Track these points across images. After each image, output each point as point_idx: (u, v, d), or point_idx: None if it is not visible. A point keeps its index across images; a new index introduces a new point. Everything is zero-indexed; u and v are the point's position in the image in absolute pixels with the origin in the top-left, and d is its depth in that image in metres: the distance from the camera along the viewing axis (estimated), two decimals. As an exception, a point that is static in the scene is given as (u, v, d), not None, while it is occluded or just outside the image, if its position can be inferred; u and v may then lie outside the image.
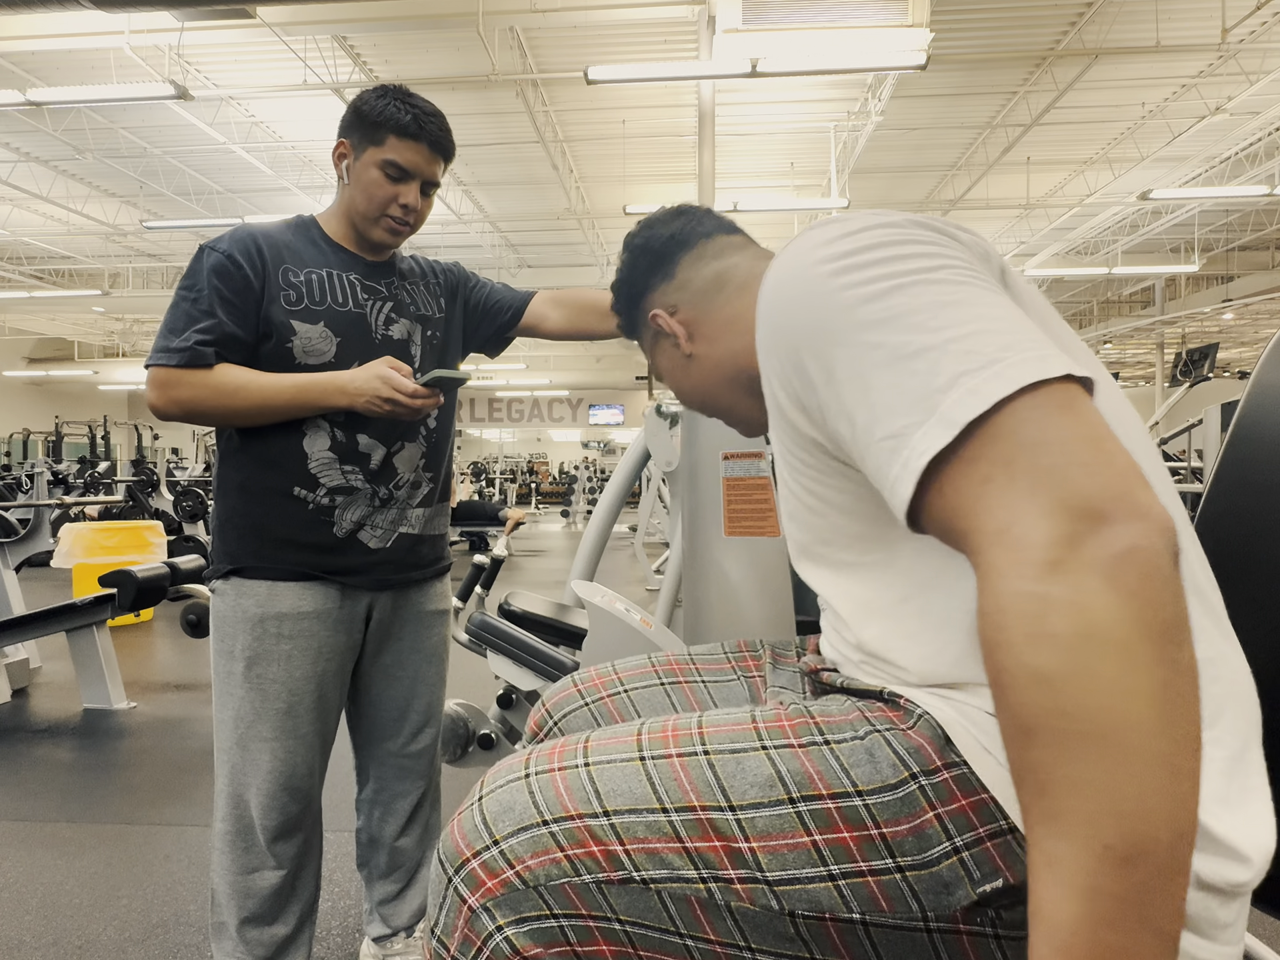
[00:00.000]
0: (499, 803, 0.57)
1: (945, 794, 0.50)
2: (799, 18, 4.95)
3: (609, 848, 0.53)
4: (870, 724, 0.55)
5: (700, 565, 1.35)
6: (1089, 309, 16.17)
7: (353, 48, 6.87)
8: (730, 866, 0.51)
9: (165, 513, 7.26)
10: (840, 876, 0.50)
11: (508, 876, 0.54)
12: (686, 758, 0.55)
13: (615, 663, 0.85)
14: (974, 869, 0.48)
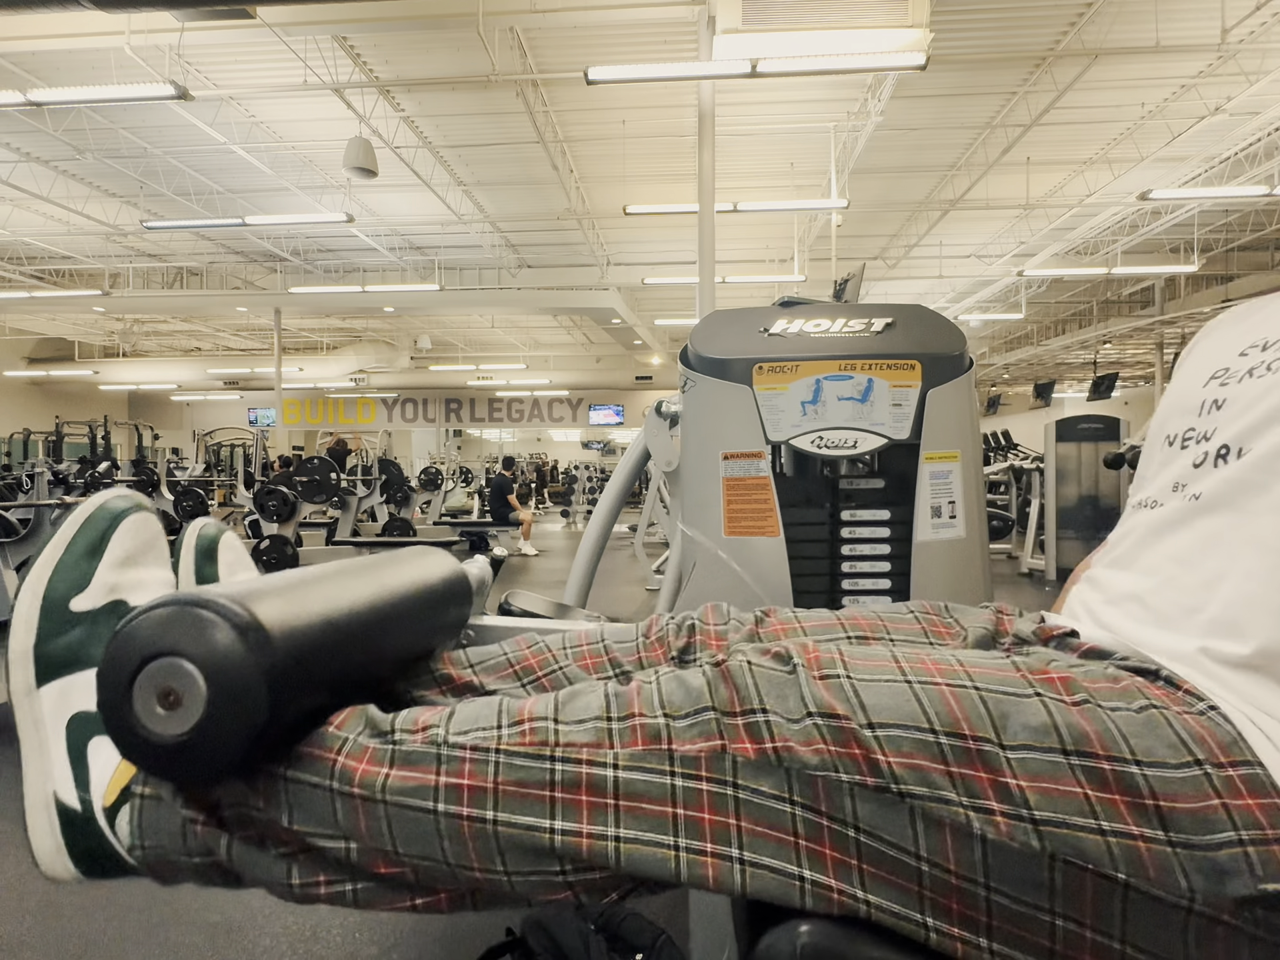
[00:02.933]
0: (769, 682, 0.56)
1: (1232, 789, 0.49)
2: (799, 18, 4.94)
3: (872, 754, 0.52)
4: (1145, 698, 0.53)
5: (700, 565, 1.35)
6: (1089, 309, 16.18)
7: (353, 48, 6.87)
8: (995, 799, 0.50)
9: (166, 513, 7.26)
10: (1111, 834, 0.49)
11: (766, 747, 0.53)
12: (956, 689, 0.54)
13: (798, 611, 0.82)
14: (1258, 864, 0.47)
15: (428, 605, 0.76)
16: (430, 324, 17.79)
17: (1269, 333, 0.68)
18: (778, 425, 1.28)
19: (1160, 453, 0.72)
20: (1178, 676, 0.56)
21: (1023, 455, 10.00)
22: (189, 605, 0.54)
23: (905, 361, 1.26)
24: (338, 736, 0.57)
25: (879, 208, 10.75)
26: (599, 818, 0.53)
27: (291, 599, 0.59)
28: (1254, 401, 0.62)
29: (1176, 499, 0.66)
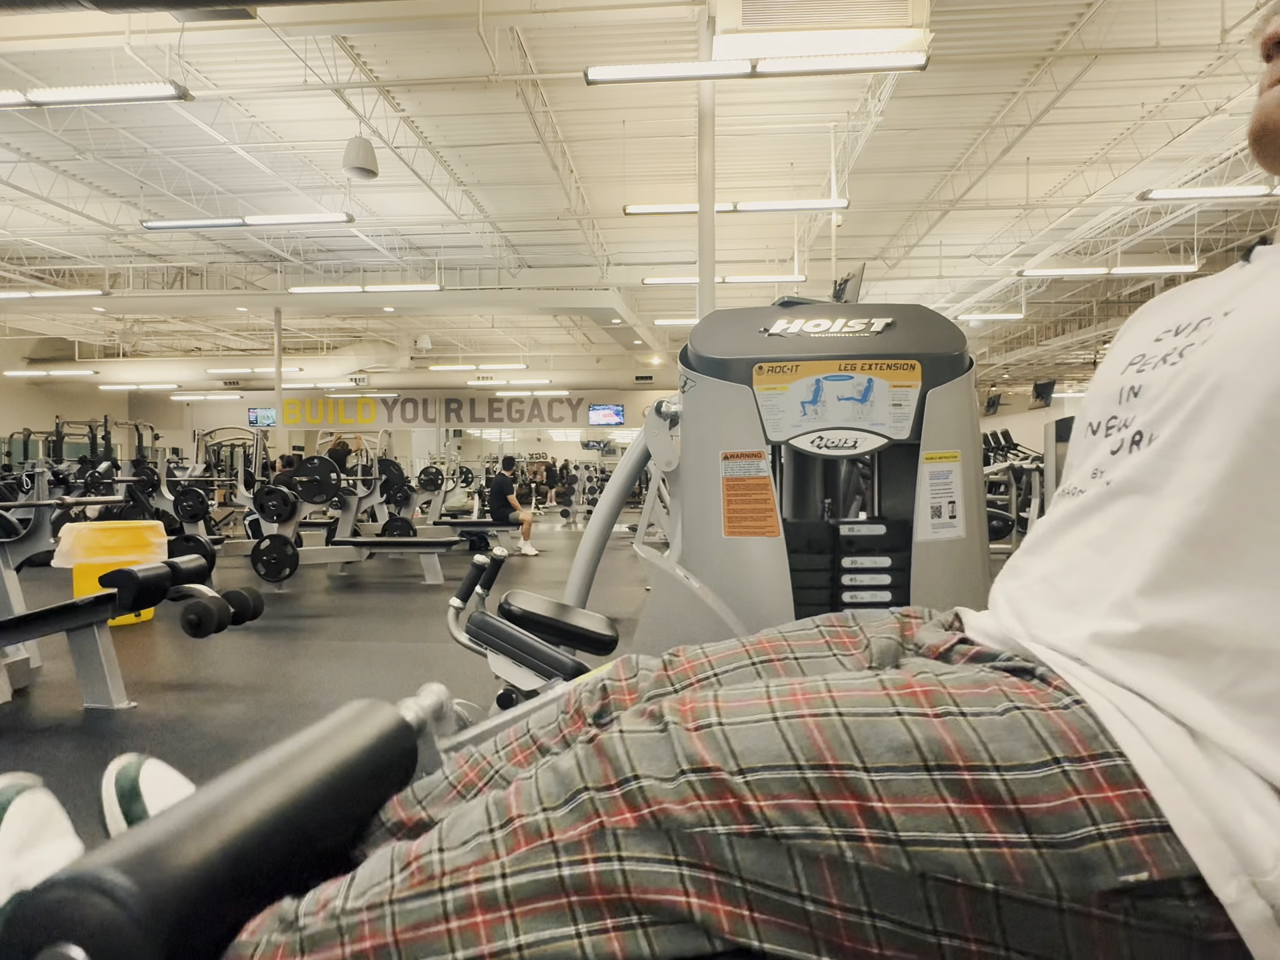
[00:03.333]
0: (641, 745, 0.57)
1: (1090, 783, 0.50)
2: (799, 18, 4.94)
3: (744, 801, 0.53)
4: (1009, 699, 0.54)
5: (700, 565, 1.35)
6: (1089, 309, 16.17)
7: (353, 48, 6.87)
8: (864, 825, 0.51)
9: (166, 513, 7.26)
10: (975, 845, 0.50)
11: (644, 813, 0.54)
12: (820, 717, 0.55)
13: (706, 647, 0.83)
14: (1118, 856, 0.48)
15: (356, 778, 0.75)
16: (430, 324, 17.79)
17: (1182, 317, 0.68)
18: (778, 425, 1.28)
19: (1084, 440, 0.73)
20: (1051, 673, 0.57)
21: (1022, 455, 10.00)
22: (67, 886, 0.53)
23: (905, 361, 1.26)
24: (250, 944, 0.57)
25: (879, 208, 10.74)
26: (498, 933, 0.53)
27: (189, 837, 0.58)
28: (1165, 388, 0.63)
29: (1094, 485, 0.66)
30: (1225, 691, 0.52)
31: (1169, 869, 0.48)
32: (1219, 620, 0.53)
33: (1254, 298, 0.61)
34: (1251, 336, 0.57)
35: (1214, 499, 0.55)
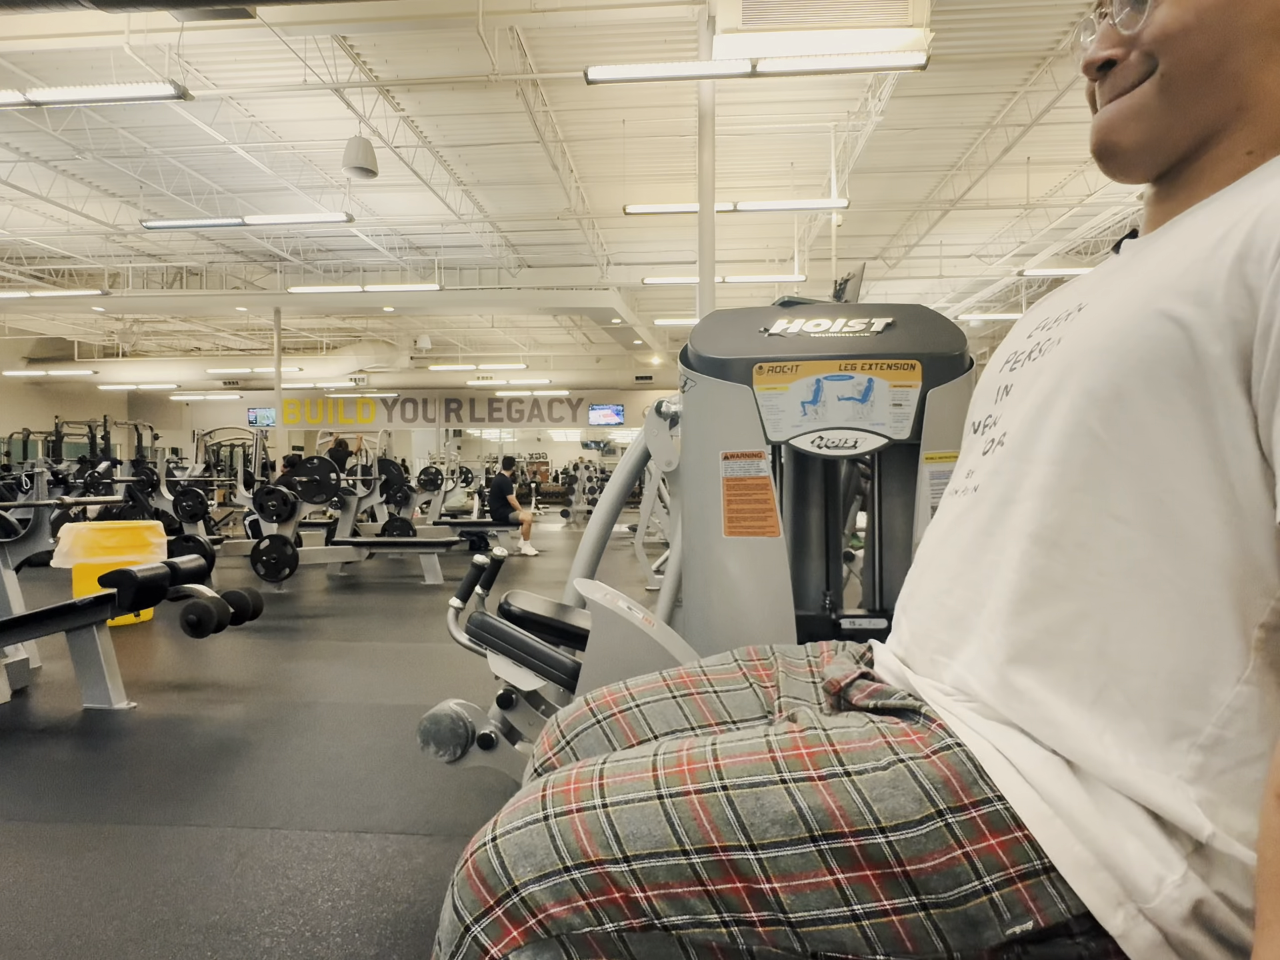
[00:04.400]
0: (518, 846, 0.55)
1: (973, 832, 0.49)
2: (799, 18, 4.94)
3: (630, 894, 0.52)
4: (893, 752, 0.54)
5: (700, 565, 1.35)
6: (1089, 309, 16.17)
7: (353, 48, 6.87)
8: (752, 909, 0.50)
9: (165, 513, 7.26)
10: (864, 916, 0.49)
11: (531, 925, 0.53)
12: (705, 794, 0.54)
13: (627, 680, 0.83)
14: (1004, 909, 0.48)
15: None
16: (430, 324, 17.78)
17: (1050, 312, 0.67)
18: (778, 425, 1.28)
19: (967, 439, 0.73)
20: (934, 711, 0.57)
21: (1023, 455, 9.99)
22: None
23: (905, 361, 1.26)
24: None
25: (879, 208, 10.74)
26: None
27: None
28: (1026, 387, 0.62)
29: (966, 488, 0.65)
30: (1098, 699, 0.51)
31: (1054, 913, 0.48)
32: (1082, 626, 0.53)
33: (1105, 292, 0.60)
34: (1092, 334, 0.56)
35: (1067, 504, 0.54)
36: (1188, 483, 0.50)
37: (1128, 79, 0.60)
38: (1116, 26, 0.60)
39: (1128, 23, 0.59)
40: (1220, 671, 0.49)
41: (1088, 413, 0.53)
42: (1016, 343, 0.70)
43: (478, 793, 2.11)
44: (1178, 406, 0.50)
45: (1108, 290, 0.60)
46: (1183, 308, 0.50)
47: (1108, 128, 0.62)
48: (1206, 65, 0.57)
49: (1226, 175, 0.58)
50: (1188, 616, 0.50)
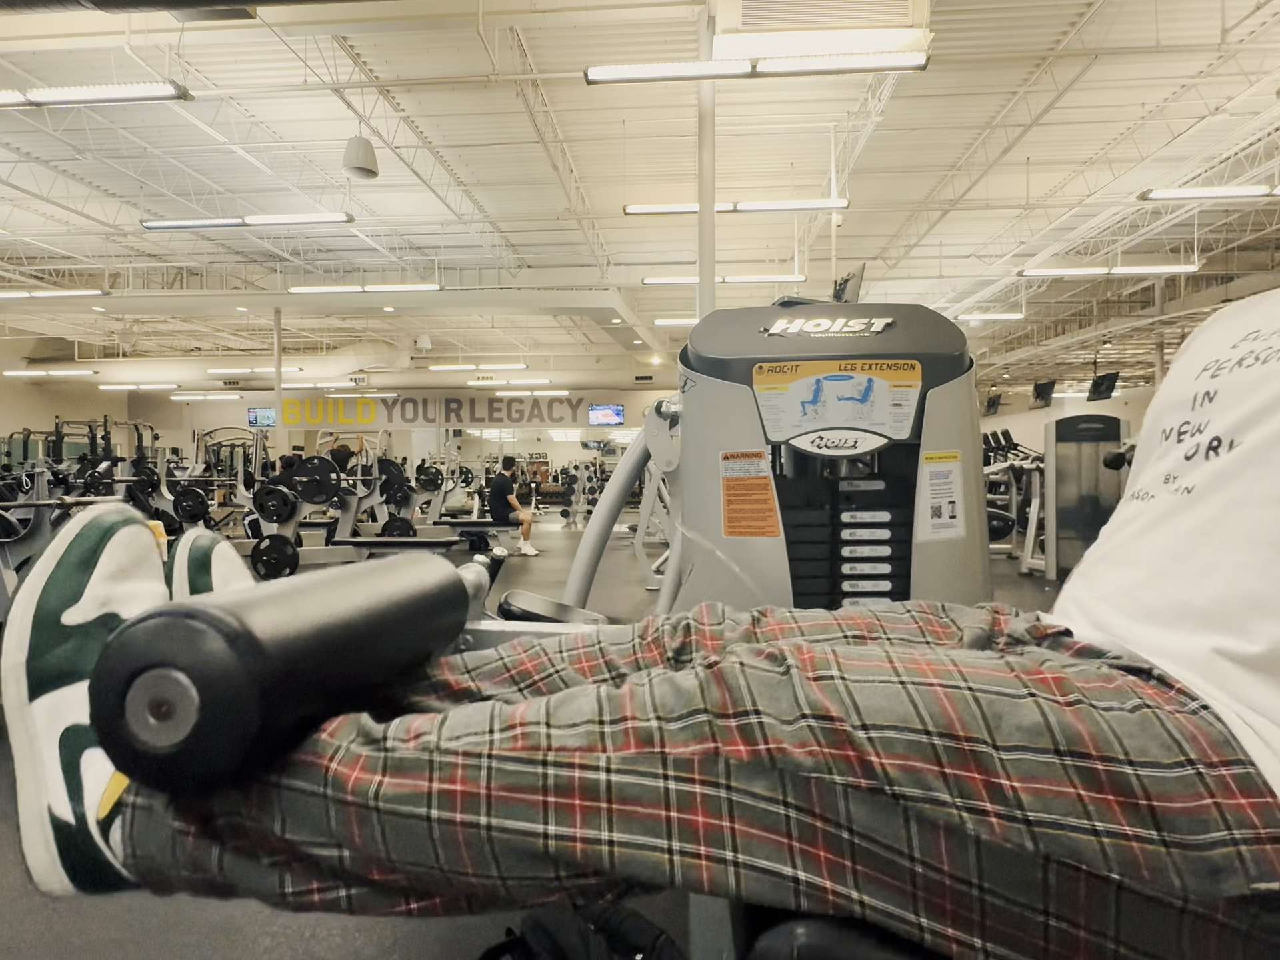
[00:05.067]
0: (762, 683, 0.55)
1: (1224, 788, 0.49)
2: (799, 17, 4.94)
3: (866, 756, 0.51)
4: (1137, 697, 0.53)
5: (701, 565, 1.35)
6: (1089, 309, 16.17)
7: (353, 48, 6.87)
8: (988, 800, 0.50)
9: (166, 513, 7.26)
10: (1105, 834, 0.49)
11: (760, 749, 0.53)
12: (950, 689, 0.54)
13: (795, 611, 0.82)
14: (1250, 864, 0.47)
15: (422, 611, 0.76)
16: (430, 324, 17.79)
17: (1261, 324, 0.67)
18: (778, 425, 1.28)
19: (1156, 446, 0.72)
20: (1170, 675, 0.56)
21: (1023, 455, 10.00)
22: (180, 616, 0.53)
23: (905, 361, 1.26)
24: (330, 744, 0.57)
25: (879, 208, 10.75)
26: (593, 822, 0.53)
27: (283, 608, 0.59)
28: (1245, 392, 0.62)
29: (1168, 492, 0.65)
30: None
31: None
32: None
33: None
34: None
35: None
36: None
37: None
38: None
39: None
40: None
41: None
42: (1214, 353, 0.70)
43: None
44: None
45: None
46: None
47: None
48: None
49: None
50: None
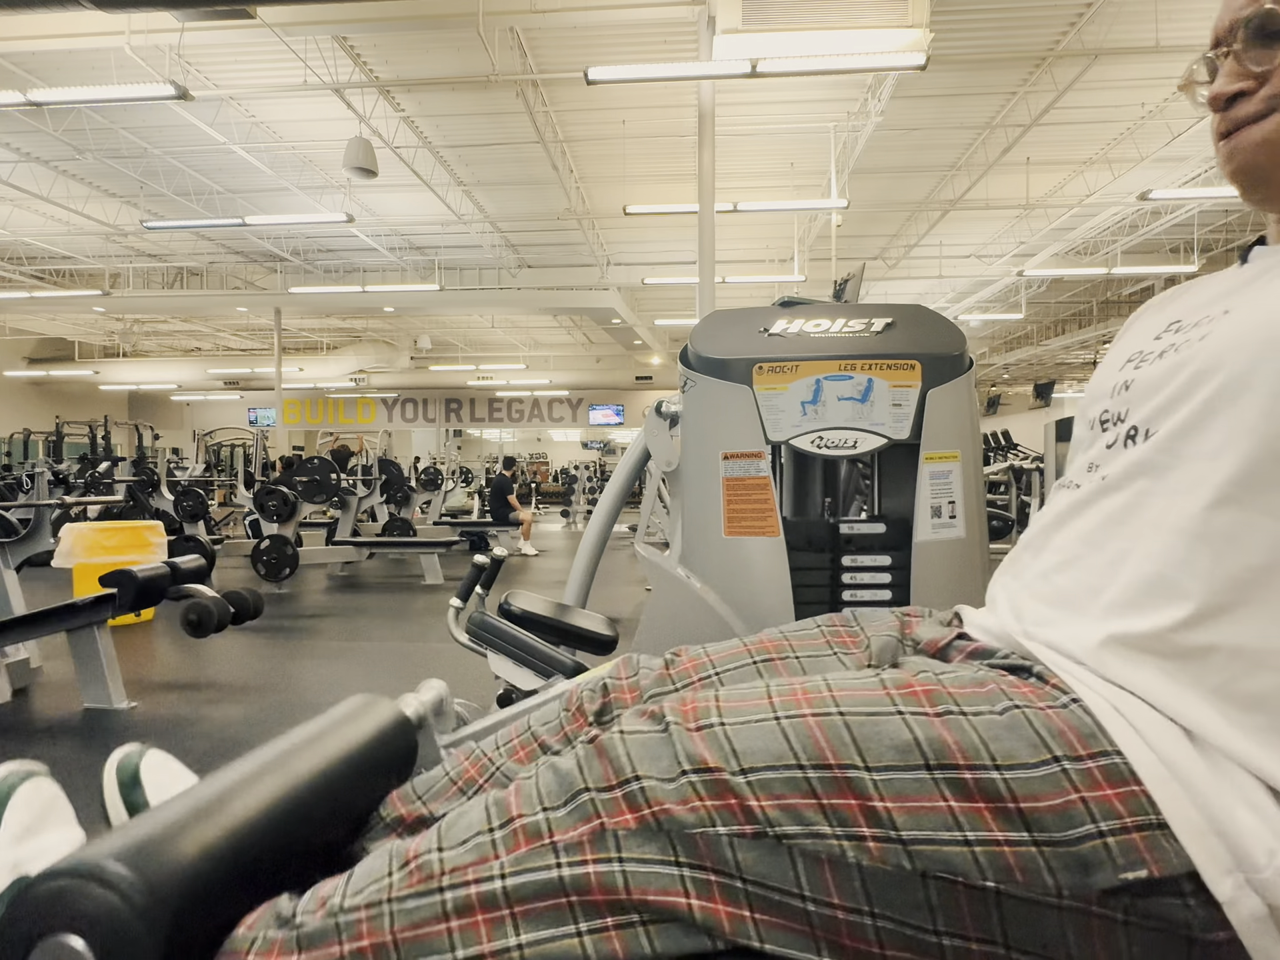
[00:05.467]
0: (642, 746, 0.57)
1: (1090, 781, 0.50)
2: (799, 18, 4.94)
3: (746, 802, 0.53)
4: (1008, 698, 0.55)
5: (700, 565, 1.35)
6: (1089, 309, 16.17)
7: (353, 48, 6.87)
8: (865, 824, 0.51)
9: (166, 513, 7.26)
10: (976, 843, 0.50)
11: (645, 814, 0.54)
12: (821, 717, 0.56)
13: (707, 646, 0.83)
14: (1118, 855, 0.48)
15: (356, 771, 0.75)
16: (430, 324, 17.78)
17: (1179, 314, 0.69)
18: (778, 425, 1.28)
19: (1085, 435, 0.74)
20: (1048, 671, 0.57)
21: (1023, 455, 10.00)
22: (69, 876, 0.53)
23: (905, 361, 1.26)
24: (246, 938, 0.57)
25: (879, 208, 10.74)
26: (499, 932, 0.53)
27: (190, 828, 0.58)
28: (1160, 383, 0.63)
29: (1089, 480, 0.67)
30: (1220, 689, 0.52)
31: (1168, 866, 0.48)
32: (1219, 619, 0.53)
33: (1252, 298, 0.61)
34: (1252, 334, 0.57)
35: (1217, 497, 0.55)
36: None
37: (1260, 108, 0.64)
38: (1245, 64, 0.64)
39: (1258, 60, 0.63)
40: None
41: (1248, 409, 0.55)
42: (1138, 344, 0.71)
43: (478, 792, 2.11)
44: None
45: (1259, 295, 0.61)
46: None
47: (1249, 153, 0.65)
48: None
49: None
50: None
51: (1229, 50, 0.65)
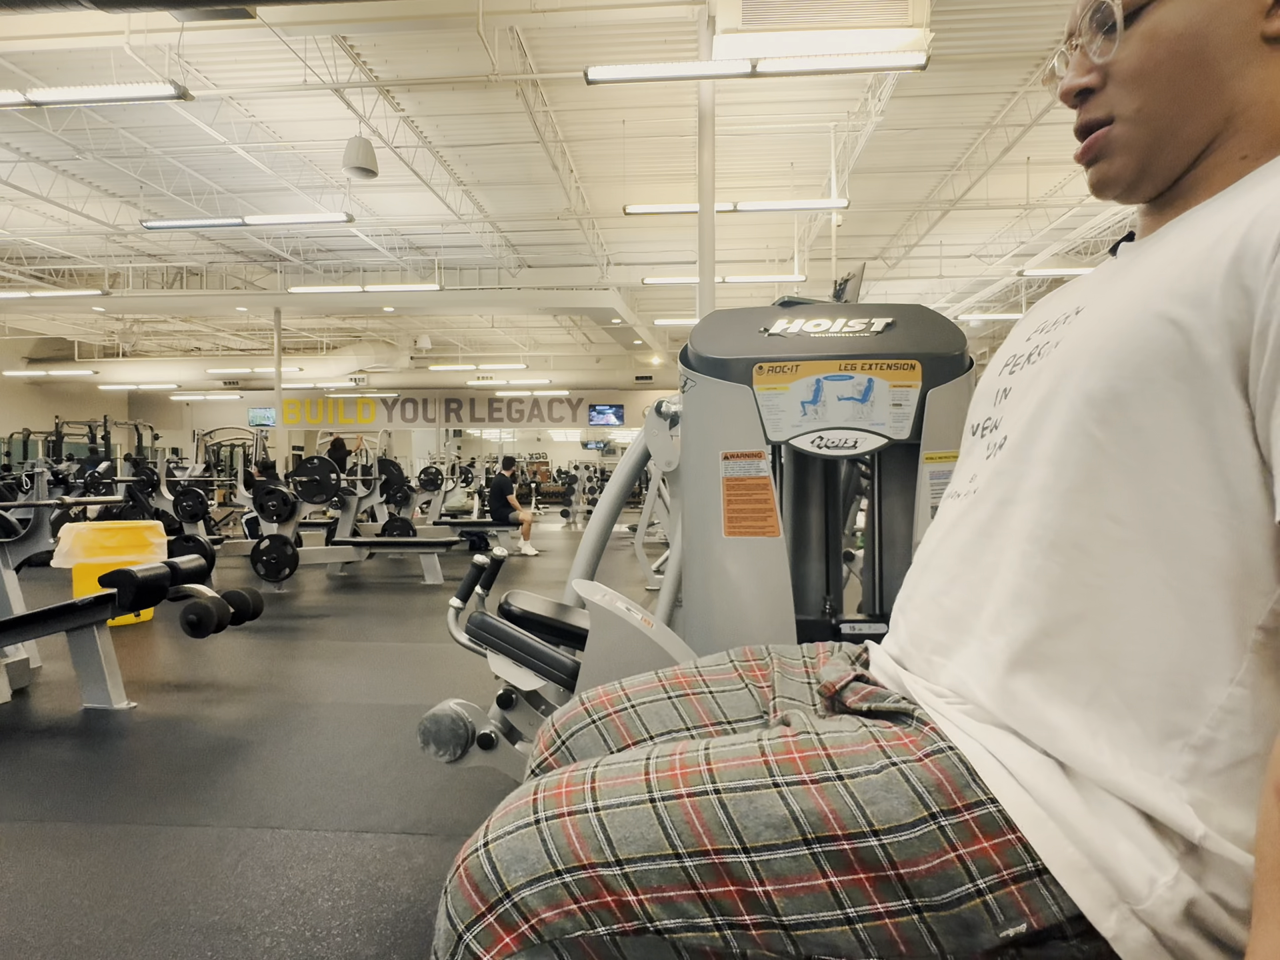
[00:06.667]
0: (510, 850, 0.55)
1: (967, 835, 0.49)
2: (799, 17, 4.94)
3: (623, 898, 0.52)
4: (886, 755, 0.54)
5: (700, 565, 1.35)
6: (1089, 309, 16.16)
7: (353, 48, 6.87)
8: (746, 912, 0.50)
9: (165, 513, 7.26)
10: (858, 919, 0.49)
11: (523, 931, 0.53)
12: (697, 797, 0.54)
13: (623, 680, 0.84)
14: (998, 912, 0.48)
15: None
16: (430, 324, 17.78)
17: (1048, 315, 0.68)
18: (778, 425, 1.28)
19: (966, 441, 0.73)
20: (928, 715, 0.56)
21: (1023, 455, 10.00)
22: None
23: (905, 361, 1.26)
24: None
25: (879, 208, 10.74)
26: None
27: None
28: (1025, 389, 0.62)
29: (966, 491, 0.66)
30: (1092, 700, 0.52)
31: (1047, 915, 0.48)
32: (1078, 627, 0.53)
33: (1103, 296, 0.60)
34: (1091, 338, 0.56)
35: (1063, 504, 0.54)
36: (1185, 485, 0.50)
37: (1107, 109, 0.62)
38: (1090, 55, 0.62)
39: (1101, 51, 0.61)
40: (1213, 673, 0.49)
41: (1085, 415, 0.54)
42: (1015, 346, 0.70)
43: (478, 793, 2.11)
44: (1175, 409, 0.50)
45: (1105, 294, 0.60)
46: (1180, 310, 0.50)
47: (1100, 163, 0.63)
48: (1186, 91, 0.58)
49: (1223, 180, 0.58)
50: (1182, 618, 0.50)
51: (1077, 44, 0.64)
